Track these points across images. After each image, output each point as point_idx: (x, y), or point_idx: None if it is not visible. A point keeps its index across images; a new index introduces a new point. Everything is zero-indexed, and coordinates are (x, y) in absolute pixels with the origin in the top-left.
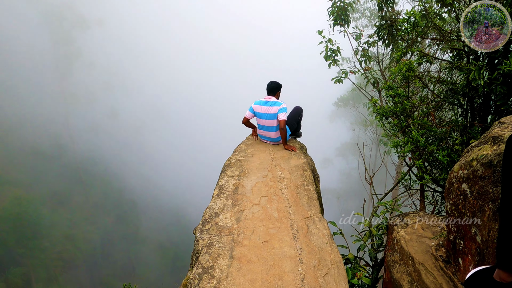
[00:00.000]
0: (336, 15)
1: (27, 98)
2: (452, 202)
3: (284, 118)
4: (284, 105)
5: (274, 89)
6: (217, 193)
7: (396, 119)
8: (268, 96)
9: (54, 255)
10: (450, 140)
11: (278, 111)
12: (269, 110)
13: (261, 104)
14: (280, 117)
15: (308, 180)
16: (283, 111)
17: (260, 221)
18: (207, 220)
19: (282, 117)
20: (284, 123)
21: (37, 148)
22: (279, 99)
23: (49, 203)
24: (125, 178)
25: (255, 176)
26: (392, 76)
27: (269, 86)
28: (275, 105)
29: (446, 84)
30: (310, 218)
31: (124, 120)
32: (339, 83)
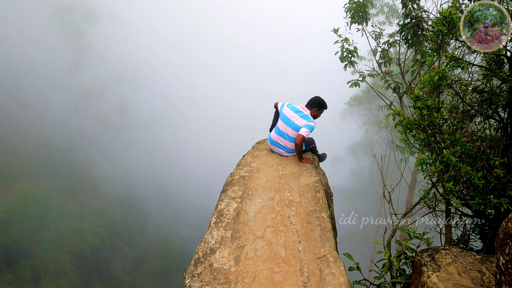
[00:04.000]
0: (354, 12)
1: (37, 91)
2: (508, 259)
3: (304, 134)
4: (313, 123)
5: (313, 103)
6: (215, 221)
7: (423, 133)
8: (304, 107)
9: (63, 248)
10: (485, 159)
11: (305, 125)
12: (297, 120)
13: (293, 110)
14: (302, 131)
15: (321, 205)
16: (308, 128)
17: (264, 262)
18: (201, 259)
19: (303, 132)
20: (302, 139)
21: (46, 141)
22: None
23: (57, 196)
24: (134, 172)
25: (260, 199)
26: (422, 85)
27: (311, 98)
28: (305, 119)
29: (480, 93)
30: (323, 259)
31: (134, 114)
32: (355, 87)
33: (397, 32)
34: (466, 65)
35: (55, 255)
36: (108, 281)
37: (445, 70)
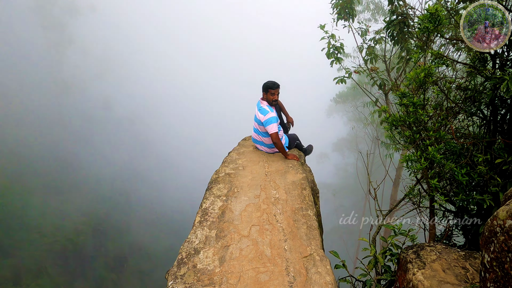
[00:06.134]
0: (340, 8)
1: (17, 86)
2: (494, 257)
3: (272, 130)
4: (269, 115)
5: (262, 90)
6: (199, 220)
7: (408, 130)
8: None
9: (44, 247)
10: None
11: (264, 122)
12: (258, 115)
13: (256, 105)
14: (268, 130)
15: (307, 203)
16: (269, 123)
17: (249, 262)
18: (184, 260)
19: (269, 130)
20: (275, 136)
21: (27, 137)
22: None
23: (39, 194)
24: (119, 168)
25: (245, 196)
26: (407, 82)
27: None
28: (261, 113)
29: (464, 91)
30: (309, 257)
31: (118, 109)
32: (341, 83)
33: (383, 29)
34: (450, 63)
35: (37, 253)
36: (91, 279)
37: (431, 67)
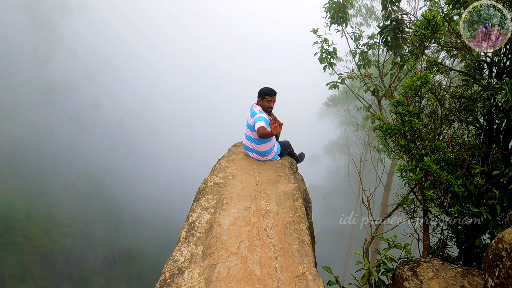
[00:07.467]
0: (333, 12)
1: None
2: (499, 283)
3: (259, 125)
4: (262, 115)
5: (257, 96)
6: (185, 235)
7: (403, 139)
8: (256, 103)
9: (30, 250)
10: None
11: (254, 121)
12: (250, 119)
13: (249, 111)
14: (256, 125)
15: (300, 215)
16: (259, 120)
17: (237, 283)
18: (167, 281)
19: (257, 125)
20: (261, 129)
21: (13, 138)
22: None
23: (24, 196)
24: (107, 170)
25: (235, 209)
26: (403, 90)
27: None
28: (253, 115)
29: (459, 99)
30: (302, 277)
31: (107, 111)
32: (334, 89)
33: (377, 34)
34: (446, 70)
35: (22, 257)
36: (79, 283)
37: (427, 75)
